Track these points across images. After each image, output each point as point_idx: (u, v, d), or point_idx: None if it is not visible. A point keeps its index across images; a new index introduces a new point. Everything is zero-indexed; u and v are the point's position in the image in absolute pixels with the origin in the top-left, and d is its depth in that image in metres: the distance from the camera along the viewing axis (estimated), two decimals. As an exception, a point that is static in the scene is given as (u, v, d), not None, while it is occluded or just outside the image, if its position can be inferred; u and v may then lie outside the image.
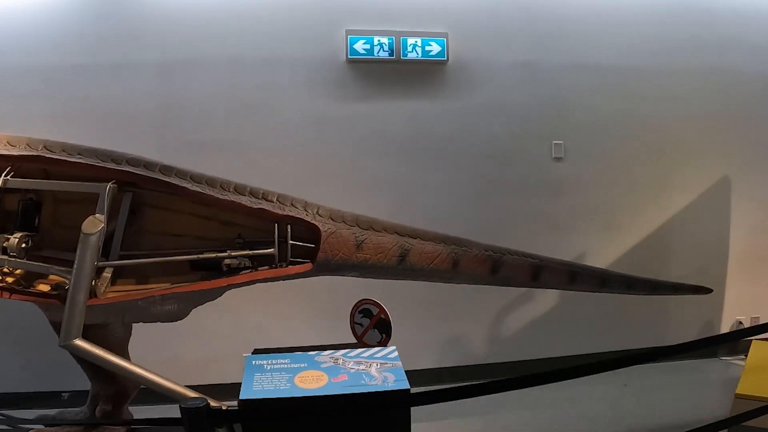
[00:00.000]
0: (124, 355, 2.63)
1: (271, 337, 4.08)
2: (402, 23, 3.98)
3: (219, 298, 2.50)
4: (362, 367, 2.01)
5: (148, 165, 2.34)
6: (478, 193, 4.26)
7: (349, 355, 2.10)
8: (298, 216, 2.41)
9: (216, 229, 2.51)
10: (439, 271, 2.68)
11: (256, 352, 2.51)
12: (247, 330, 4.00)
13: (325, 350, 2.18)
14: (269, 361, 2.07)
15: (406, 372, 1.95)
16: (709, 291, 3.50)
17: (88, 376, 2.95)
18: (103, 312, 2.38)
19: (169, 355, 3.66)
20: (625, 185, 4.52)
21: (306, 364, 2.03)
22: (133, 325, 2.70)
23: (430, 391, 1.81)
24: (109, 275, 2.39)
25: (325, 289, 3.55)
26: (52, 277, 2.49)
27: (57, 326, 2.69)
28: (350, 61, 3.95)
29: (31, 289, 2.43)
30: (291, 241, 2.41)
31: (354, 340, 2.60)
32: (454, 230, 2.85)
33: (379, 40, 3.91)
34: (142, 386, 2.53)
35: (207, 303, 2.49)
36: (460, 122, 4.17)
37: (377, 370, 1.99)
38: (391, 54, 3.93)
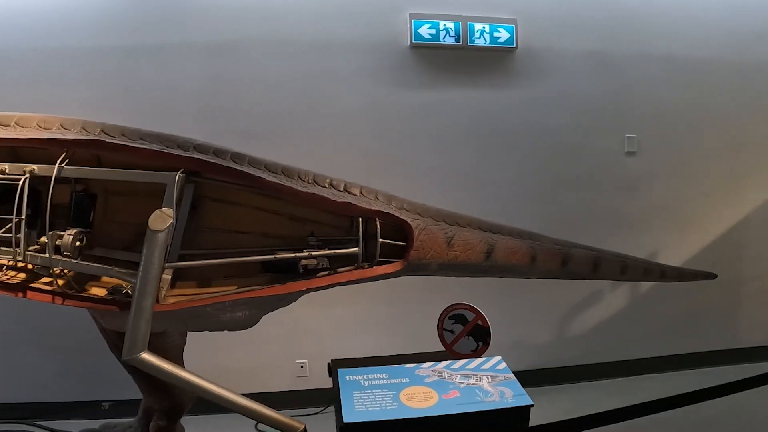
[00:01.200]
0: (179, 365, 2.37)
1: (325, 345, 3.90)
2: (469, 8, 3.78)
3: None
4: (472, 381, 1.87)
5: (217, 152, 2.07)
6: (546, 188, 4.07)
7: (452, 367, 1.95)
8: (387, 211, 2.14)
9: (285, 226, 2.25)
10: (518, 267, 2.52)
11: (335, 363, 2.29)
12: (298, 336, 3.84)
13: (415, 361, 2.04)
14: (365, 376, 1.89)
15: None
16: (713, 276, 3.33)
17: (141, 388, 2.76)
18: (166, 320, 2.14)
19: (215, 362, 3.43)
20: (700, 181, 4.34)
21: (408, 379, 1.88)
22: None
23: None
24: (170, 277, 2.13)
25: (380, 291, 3.31)
26: (105, 278, 2.25)
27: (113, 335, 2.48)
28: (414, 47, 3.73)
29: (84, 293, 2.17)
30: (381, 239, 2.13)
31: (436, 348, 2.39)
32: (520, 227, 2.69)
33: (444, 25, 3.68)
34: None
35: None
36: (528, 113, 3.97)
37: (490, 384, 1.84)
38: (457, 40, 3.71)
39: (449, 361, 1.99)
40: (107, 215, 2.22)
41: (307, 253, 2.10)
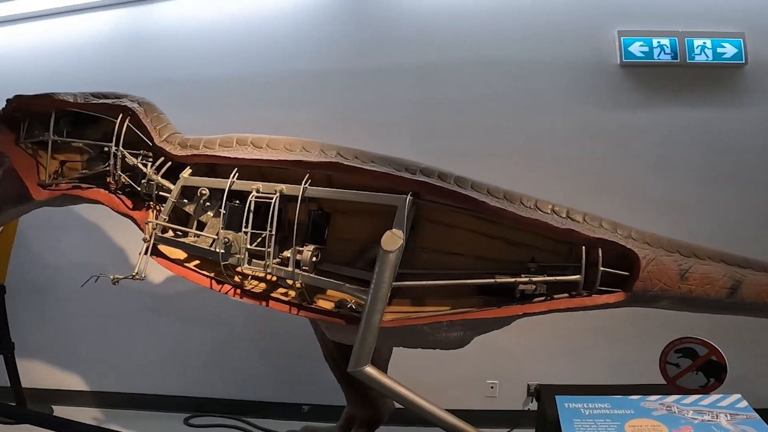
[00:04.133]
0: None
1: (518, 367, 3.83)
2: (686, 23, 3.55)
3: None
4: (707, 417, 1.68)
5: (441, 175, 2.14)
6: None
7: (683, 402, 1.77)
8: (612, 239, 2.04)
9: (500, 250, 2.24)
10: None
11: (542, 387, 2.33)
12: (491, 356, 3.78)
13: (625, 393, 1.85)
14: (585, 405, 1.80)
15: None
16: None
17: (347, 397, 2.91)
18: (385, 336, 2.22)
19: (407, 376, 3.52)
20: None
21: (633, 411, 1.74)
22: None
23: None
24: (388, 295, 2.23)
25: (579, 317, 3.15)
26: (330, 292, 2.42)
27: (331, 345, 2.67)
28: (624, 65, 3.57)
29: (313, 305, 2.36)
30: (602, 268, 2.04)
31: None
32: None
33: (659, 42, 3.49)
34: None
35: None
36: (760, 134, 3.57)
37: (729, 422, 1.64)
38: (674, 57, 3.49)
39: (679, 396, 1.84)
40: (332, 232, 2.39)
41: (527, 279, 2.07)
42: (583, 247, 2.05)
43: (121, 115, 2.54)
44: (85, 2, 4.34)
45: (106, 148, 2.55)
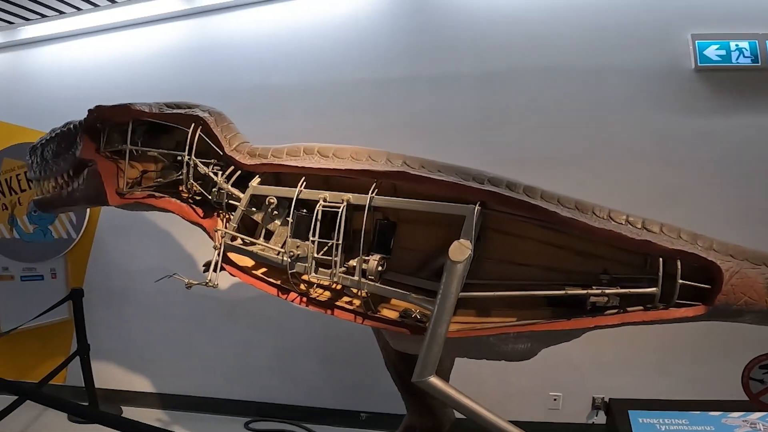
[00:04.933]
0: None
1: (582, 380, 3.72)
2: (766, 24, 3.36)
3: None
4: None
5: (510, 185, 2.10)
6: None
7: None
8: (692, 251, 1.95)
9: (570, 260, 2.18)
10: None
11: (612, 401, 2.20)
12: (555, 368, 3.69)
13: (704, 408, 1.74)
14: (660, 420, 1.75)
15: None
16: None
17: (407, 406, 2.89)
18: (451, 347, 2.19)
19: (469, 387, 3.50)
20: None
21: (713, 428, 1.74)
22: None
23: None
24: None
25: (648, 329, 3.04)
26: (394, 301, 2.42)
27: (393, 355, 2.66)
28: (699, 70, 3.42)
29: (378, 315, 2.35)
30: (681, 280, 1.95)
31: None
32: None
33: (737, 45, 3.33)
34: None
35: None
36: None
37: None
38: (754, 60, 3.33)
39: (764, 413, 1.82)
40: (396, 241, 2.36)
41: (599, 291, 2.00)
42: (661, 259, 1.97)
43: (192, 125, 2.61)
44: (156, 14, 4.55)
45: (179, 157, 2.64)
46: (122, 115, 2.75)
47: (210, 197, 2.60)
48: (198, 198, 2.73)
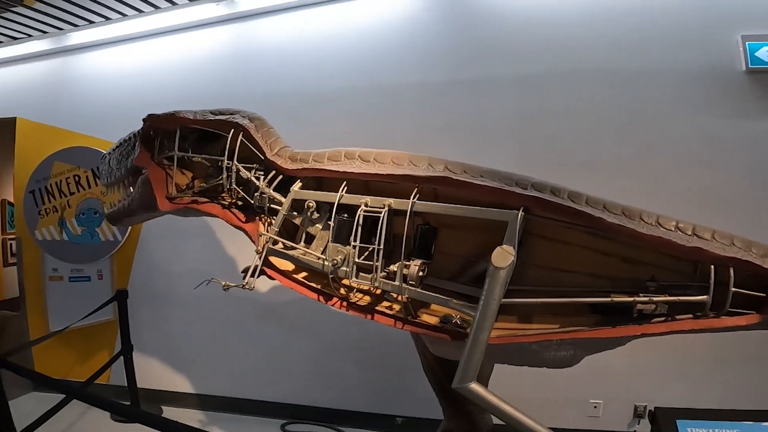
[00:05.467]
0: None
1: (625, 387, 3.64)
2: None
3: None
4: None
5: (554, 190, 2.07)
6: None
7: None
8: (746, 259, 1.88)
9: (616, 267, 2.13)
10: None
11: (658, 410, 2.13)
12: (596, 374, 3.63)
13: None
14: (709, 431, 1.64)
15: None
16: None
17: (445, 411, 2.87)
18: (492, 353, 2.16)
19: (507, 393, 3.47)
20: None
21: None
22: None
23: None
24: (496, 310, 2.18)
25: (695, 336, 2.96)
26: (433, 307, 2.40)
27: (432, 360, 2.64)
28: (751, 71, 3.31)
29: (417, 320, 2.34)
30: (733, 288, 1.89)
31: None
32: None
33: (790, 46, 3.19)
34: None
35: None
36: None
37: None
38: (811, 61, 3.18)
39: None
40: (436, 247, 2.35)
41: (647, 298, 1.95)
42: (712, 267, 1.91)
43: (233, 131, 2.65)
44: (197, 19, 4.64)
45: (220, 163, 2.68)
46: (169, 122, 2.82)
47: (252, 202, 2.63)
48: (240, 203, 2.77)
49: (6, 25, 4.72)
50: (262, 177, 2.61)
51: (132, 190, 3.08)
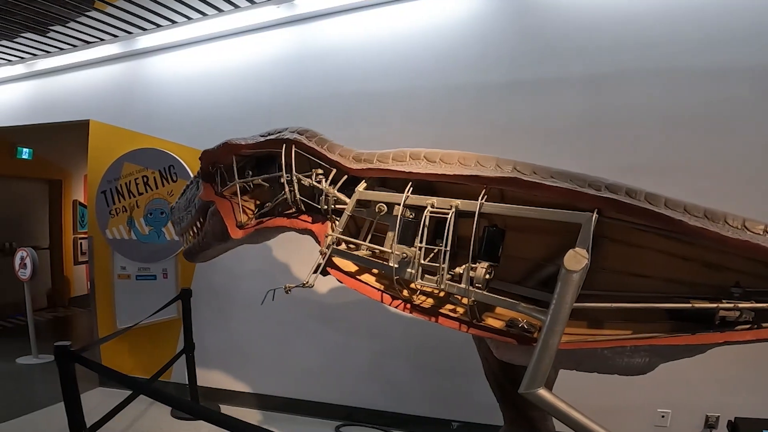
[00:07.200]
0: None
1: (695, 397, 3.49)
2: None
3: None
4: None
5: (629, 192, 1.98)
6: None
7: None
8: None
9: (695, 272, 2.03)
10: None
11: (740, 421, 1.99)
12: (665, 383, 3.50)
13: None
14: None
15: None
16: None
17: (506, 417, 2.80)
18: (561, 358, 2.10)
19: (571, 400, 3.38)
20: None
21: None
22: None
23: None
24: (565, 315, 2.11)
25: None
26: (498, 310, 2.35)
27: (495, 365, 2.59)
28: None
29: (482, 323, 2.30)
30: None
31: None
32: None
33: None
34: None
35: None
36: None
37: None
38: None
39: None
40: (503, 249, 2.29)
41: (732, 305, 1.85)
42: None
43: (284, 146, 2.67)
44: (258, 22, 4.72)
45: (281, 179, 2.71)
46: (223, 153, 2.89)
47: (318, 205, 2.64)
48: (305, 209, 2.79)
49: (78, 28, 4.90)
50: (324, 179, 2.61)
51: (201, 227, 3.15)
